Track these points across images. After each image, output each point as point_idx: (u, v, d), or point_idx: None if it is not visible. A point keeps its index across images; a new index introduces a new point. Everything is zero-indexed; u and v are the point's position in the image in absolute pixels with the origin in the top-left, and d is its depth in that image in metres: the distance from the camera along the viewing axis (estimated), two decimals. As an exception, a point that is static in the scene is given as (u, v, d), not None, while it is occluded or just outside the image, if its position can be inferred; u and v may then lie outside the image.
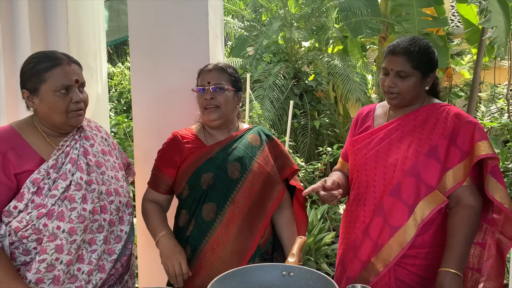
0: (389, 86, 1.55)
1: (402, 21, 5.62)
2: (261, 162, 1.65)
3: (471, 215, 1.46)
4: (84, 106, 1.45)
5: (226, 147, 1.64)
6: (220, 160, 1.61)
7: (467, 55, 9.36)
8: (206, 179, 1.59)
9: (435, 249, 1.52)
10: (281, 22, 5.90)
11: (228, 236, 1.57)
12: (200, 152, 1.63)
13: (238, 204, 1.58)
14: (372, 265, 1.55)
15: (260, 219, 1.62)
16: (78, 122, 1.45)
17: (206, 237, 1.58)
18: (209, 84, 1.61)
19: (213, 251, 1.56)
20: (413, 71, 1.52)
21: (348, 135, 1.78)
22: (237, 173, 1.60)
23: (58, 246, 1.34)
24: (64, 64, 1.39)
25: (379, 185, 1.56)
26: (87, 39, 2.50)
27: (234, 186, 1.59)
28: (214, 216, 1.58)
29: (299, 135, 5.84)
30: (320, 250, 3.45)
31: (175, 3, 2.13)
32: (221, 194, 1.59)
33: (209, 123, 1.65)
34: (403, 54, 1.52)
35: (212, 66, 1.67)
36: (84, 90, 1.46)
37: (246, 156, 1.63)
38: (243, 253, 1.59)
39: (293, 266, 1.24)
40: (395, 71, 1.53)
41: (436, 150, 1.50)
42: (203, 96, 1.61)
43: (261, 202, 1.63)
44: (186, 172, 1.61)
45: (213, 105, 1.60)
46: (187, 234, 1.62)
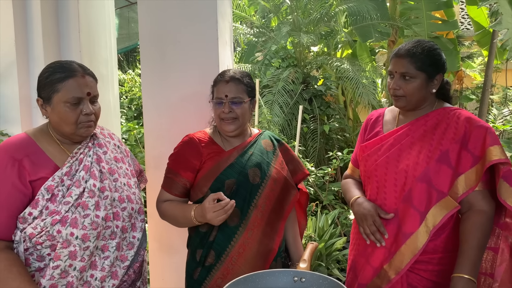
0: (394, 88, 1.55)
1: (412, 25, 5.60)
2: (277, 167, 1.68)
3: (484, 220, 1.45)
4: (94, 118, 1.46)
5: (243, 153, 1.65)
6: (240, 166, 1.62)
7: (478, 58, 9.27)
8: (229, 185, 1.60)
9: (448, 254, 1.51)
10: (290, 27, 5.92)
11: (253, 239, 1.60)
12: (220, 158, 1.63)
13: (260, 208, 1.62)
14: (384, 272, 1.53)
15: (280, 221, 1.67)
16: (87, 134, 1.47)
17: (232, 241, 1.59)
18: (227, 97, 1.60)
19: (240, 255, 1.59)
20: (417, 73, 1.52)
21: (358, 140, 1.78)
22: (257, 178, 1.62)
23: (72, 252, 1.36)
24: (78, 76, 1.40)
25: (390, 192, 1.56)
26: (98, 47, 2.54)
27: (256, 191, 1.62)
28: (238, 221, 1.60)
29: (308, 140, 5.83)
30: (331, 255, 3.43)
31: (184, 11, 2.15)
32: (244, 199, 1.60)
33: (226, 134, 1.66)
34: (406, 56, 1.52)
35: (229, 77, 1.63)
36: (97, 102, 1.48)
37: (263, 161, 1.66)
38: (267, 255, 1.63)
39: (305, 271, 1.24)
40: (399, 73, 1.54)
41: (447, 156, 1.49)
42: (221, 109, 1.61)
43: (280, 205, 1.67)
44: (208, 178, 1.61)
45: (231, 118, 1.61)
46: (210, 240, 1.61)
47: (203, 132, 1.72)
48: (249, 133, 1.74)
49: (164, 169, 2.07)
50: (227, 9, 2.38)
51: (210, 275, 1.61)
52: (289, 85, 5.67)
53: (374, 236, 1.53)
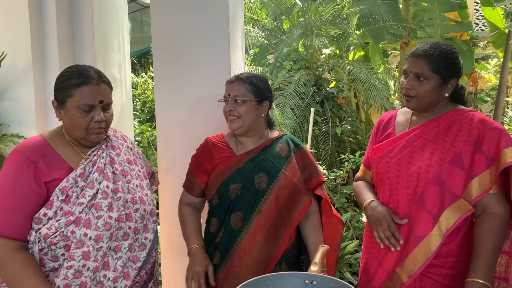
0: (407, 88, 1.53)
1: (425, 26, 5.54)
2: (288, 174, 1.67)
3: (498, 224, 1.42)
4: (105, 125, 1.48)
5: (255, 157, 1.67)
6: (248, 171, 1.65)
7: (493, 59, 9.13)
8: (234, 190, 1.63)
9: (462, 258, 1.48)
10: (302, 30, 5.91)
11: (254, 245, 1.61)
12: (230, 162, 1.67)
13: (264, 214, 1.62)
14: (397, 276, 1.52)
15: (286, 229, 1.65)
16: (97, 140, 1.49)
17: (234, 244, 1.63)
18: (229, 96, 1.67)
19: (240, 258, 1.61)
20: (432, 75, 1.50)
21: (370, 142, 1.77)
22: (264, 184, 1.63)
23: (85, 253, 1.38)
24: (93, 84, 1.42)
25: (402, 194, 1.54)
26: (112, 51, 2.58)
27: (261, 197, 1.62)
28: (241, 225, 1.63)
29: (320, 142, 5.80)
30: (343, 258, 3.41)
31: (196, 14, 2.17)
32: (248, 204, 1.62)
33: (233, 132, 1.72)
34: (423, 57, 1.51)
35: (234, 78, 1.71)
36: (110, 109, 1.49)
37: (273, 167, 1.66)
38: (268, 261, 1.63)
39: (316, 274, 1.23)
40: (414, 73, 1.52)
41: (460, 158, 1.47)
42: (225, 107, 1.69)
43: (287, 212, 1.65)
44: (215, 182, 1.67)
45: (233, 116, 1.66)
46: (217, 241, 1.67)
47: (220, 136, 1.77)
48: (266, 136, 1.74)
49: (176, 171, 2.09)
50: (238, 12, 2.40)
51: (215, 274, 1.65)
52: (300, 88, 5.66)
53: (389, 241, 1.52)
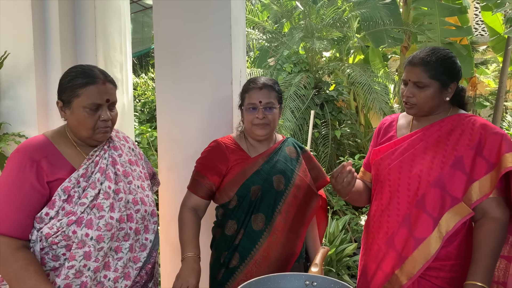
0: (407, 96, 1.55)
1: (425, 31, 5.56)
2: (301, 175, 1.72)
3: (497, 228, 1.43)
4: (111, 124, 1.49)
5: (269, 159, 1.70)
6: (265, 172, 1.67)
7: (492, 64, 9.17)
8: (255, 191, 1.65)
9: (460, 261, 1.50)
10: (302, 32, 5.93)
11: (277, 243, 1.65)
12: (246, 164, 1.68)
13: (284, 214, 1.67)
14: (395, 278, 1.53)
15: (302, 226, 1.72)
16: (103, 139, 1.50)
17: (257, 245, 1.64)
18: (261, 103, 1.65)
19: (264, 258, 1.64)
20: (430, 81, 1.51)
21: (371, 145, 1.79)
22: (281, 185, 1.67)
23: (86, 253, 1.38)
24: (99, 83, 1.43)
25: (403, 196, 1.55)
26: (114, 52, 2.59)
27: (280, 198, 1.67)
28: (263, 226, 1.65)
29: (320, 145, 5.82)
30: (341, 261, 3.42)
31: (198, 16, 2.18)
32: (269, 205, 1.66)
33: (257, 138, 1.71)
34: (420, 65, 1.52)
35: (261, 84, 1.69)
36: (115, 108, 1.50)
37: (287, 169, 1.70)
38: (290, 258, 1.69)
39: (316, 276, 1.24)
40: (413, 82, 1.53)
41: (461, 162, 1.48)
42: (254, 114, 1.66)
43: (303, 211, 1.71)
44: (234, 184, 1.66)
45: (264, 124, 1.66)
46: (235, 243, 1.67)
47: (229, 138, 1.77)
48: (274, 139, 1.79)
49: (177, 172, 2.09)
50: (240, 15, 2.41)
51: (233, 277, 1.66)
52: (300, 90, 5.68)
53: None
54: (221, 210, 1.73)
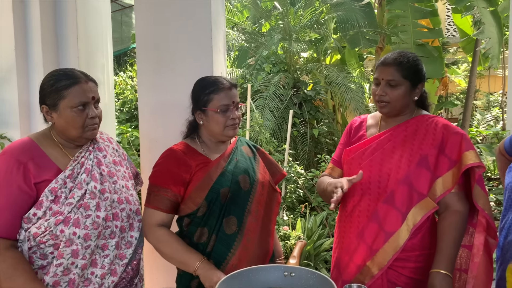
0: (380, 94, 1.64)
1: (398, 32, 5.75)
2: (261, 172, 1.73)
3: (459, 220, 1.56)
4: (98, 121, 1.55)
5: (230, 160, 1.67)
6: (230, 173, 1.63)
7: (463, 64, 9.51)
8: (224, 194, 1.60)
9: (425, 252, 1.61)
10: (281, 34, 6.04)
11: (252, 244, 1.63)
12: (209, 167, 1.62)
13: (254, 214, 1.65)
14: (367, 269, 1.63)
15: (271, 223, 1.73)
16: (93, 136, 1.55)
17: (232, 249, 1.60)
18: (234, 103, 1.63)
19: (241, 260, 1.59)
20: (402, 80, 1.62)
21: (340, 143, 1.86)
22: (247, 184, 1.65)
23: (74, 251, 1.43)
24: (82, 83, 1.49)
25: (374, 193, 1.65)
26: (95, 53, 2.62)
27: (248, 197, 1.64)
28: (236, 229, 1.61)
29: (298, 143, 5.95)
30: (319, 255, 3.53)
31: (180, 20, 2.25)
32: (239, 206, 1.62)
33: (225, 139, 1.68)
34: (393, 65, 1.62)
35: (230, 84, 1.65)
36: (99, 106, 1.56)
37: (249, 167, 1.70)
38: (265, 257, 1.69)
39: (294, 267, 1.33)
40: (385, 80, 1.63)
41: (426, 160, 1.60)
42: (227, 115, 1.61)
43: (269, 208, 1.72)
44: (202, 189, 1.59)
45: (236, 123, 1.64)
46: (208, 250, 1.60)
47: (183, 144, 1.69)
48: (230, 140, 1.75)
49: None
50: (221, 18, 2.48)
51: None
52: (279, 90, 5.79)
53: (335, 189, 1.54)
54: (187, 220, 1.63)
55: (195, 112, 1.69)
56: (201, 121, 1.67)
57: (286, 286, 1.28)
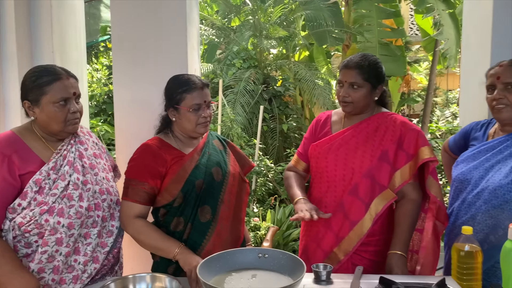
0: (344, 96, 1.78)
1: (364, 32, 5.99)
2: (232, 164, 1.84)
3: (414, 207, 1.74)
4: (79, 115, 1.61)
5: (203, 153, 1.76)
6: (204, 166, 1.72)
7: (424, 62, 9.93)
8: (199, 185, 1.69)
9: (383, 236, 1.78)
10: (251, 31, 6.15)
11: (225, 231, 1.74)
12: (184, 161, 1.70)
13: (227, 203, 1.75)
14: (334, 255, 1.77)
15: (241, 211, 1.84)
16: (74, 130, 1.61)
17: (206, 236, 1.69)
18: (205, 102, 1.71)
19: (215, 246, 1.68)
20: (364, 83, 1.76)
21: (305, 137, 1.99)
22: (220, 176, 1.75)
23: (58, 239, 1.50)
24: (64, 79, 1.55)
25: (339, 186, 1.79)
26: (69, 48, 2.64)
27: (221, 188, 1.74)
28: (210, 217, 1.71)
29: (268, 138, 6.10)
30: (287, 245, 3.70)
31: (155, 17, 2.31)
32: (213, 196, 1.72)
33: (197, 135, 1.76)
34: (355, 68, 1.76)
35: (202, 84, 1.72)
36: (80, 101, 1.63)
37: (221, 160, 1.79)
38: (236, 242, 1.79)
39: (267, 249, 1.46)
40: (348, 83, 1.77)
41: (386, 154, 1.76)
42: (198, 114, 1.69)
43: (240, 197, 1.84)
44: (178, 181, 1.67)
45: (208, 121, 1.72)
46: (184, 238, 1.69)
47: (157, 139, 1.75)
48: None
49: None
50: (195, 16, 2.56)
51: None
52: (250, 86, 5.90)
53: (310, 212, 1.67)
54: (163, 211, 1.71)
55: (168, 109, 1.76)
56: (173, 118, 1.74)
57: (261, 266, 1.42)
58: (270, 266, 1.41)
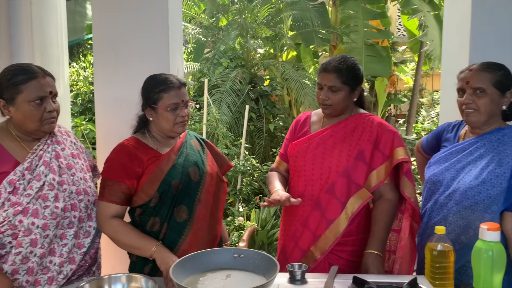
0: (323, 99, 1.80)
1: (350, 32, 6.03)
2: (210, 164, 1.85)
3: (390, 207, 1.76)
4: (56, 114, 1.60)
5: (180, 153, 1.76)
6: (181, 166, 1.72)
7: (411, 63, 10.03)
8: (175, 185, 1.69)
9: (360, 236, 1.80)
10: (238, 30, 6.14)
11: (202, 230, 1.74)
12: (161, 161, 1.70)
13: (204, 202, 1.75)
14: (311, 253, 1.79)
15: (219, 211, 1.85)
16: (50, 129, 1.60)
17: (182, 235, 1.70)
18: (183, 102, 1.71)
19: (191, 246, 1.68)
20: (342, 86, 1.78)
21: (286, 138, 2.01)
22: (197, 176, 1.75)
23: (33, 240, 1.48)
24: (39, 77, 1.54)
25: (316, 185, 1.81)
26: (50, 46, 2.61)
27: (198, 188, 1.75)
28: (186, 216, 1.71)
29: (255, 137, 6.10)
30: (272, 244, 3.72)
31: (137, 15, 2.31)
32: (189, 196, 1.72)
33: (175, 135, 1.76)
34: (334, 72, 1.78)
35: (179, 83, 1.71)
36: (56, 100, 1.61)
37: (198, 160, 1.80)
38: (213, 242, 1.80)
39: (243, 249, 1.47)
40: (327, 86, 1.79)
41: (363, 154, 1.78)
42: (176, 113, 1.69)
43: (217, 197, 1.84)
44: (154, 182, 1.67)
45: (186, 121, 1.73)
46: (160, 238, 1.69)
47: (133, 139, 1.75)
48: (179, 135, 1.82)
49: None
50: (177, 15, 2.55)
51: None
52: (236, 85, 5.90)
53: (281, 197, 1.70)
54: (139, 211, 1.71)
55: (145, 108, 1.75)
56: (151, 117, 1.73)
57: (236, 266, 1.42)
58: (245, 266, 1.41)
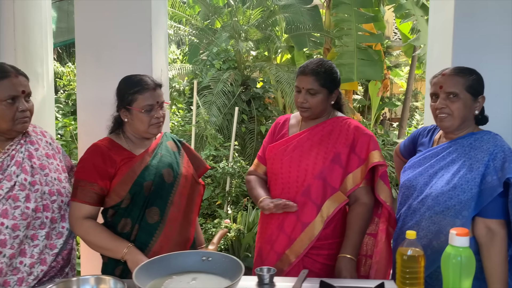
0: (301, 102, 1.80)
1: (342, 36, 6.03)
2: (185, 166, 1.84)
3: (365, 211, 1.76)
4: (29, 114, 1.59)
5: (155, 155, 1.75)
6: (154, 167, 1.72)
7: (405, 67, 10.07)
8: (147, 187, 1.68)
9: (336, 240, 1.79)
10: (230, 33, 6.14)
11: (173, 232, 1.73)
12: (133, 162, 1.70)
13: (177, 204, 1.75)
14: (286, 257, 1.78)
15: (193, 213, 1.84)
16: (23, 128, 1.59)
17: (153, 237, 1.69)
18: (158, 103, 1.70)
19: (162, 248, 1.68)
20: (320, 89, 1.78)
21: (265, 141, 2.00)
22: (171, 178, 1.75)
23: (2, 240, 1.47)
24: (12, 77, 1.53)
25: (293, 187, 1.81)
26: (34, 45, 2.60)
27: (171, 189, 1.74)
28: (158, 218, 1.70)
29: (246, 140, 6.10)
30: (257, 247, 3.70)
31: (120, 17, 2.31)
32: (162, 198, 1.72)
33: (150, 136, 1.75)
34: (311, 75, 1.77)
35: (154, 84, 1.71)
36: (30, 100, 1.61)
37: (173, 161, 1.79)
38: (185, 244, 1.78)
39: (211, 252, 1.46)
40: (306, 89, 1.78)
41: (339, 157, 1.77)
42: (151, 114, 1.68)
43: (191, 199, 1.83)
44: (126, 183, 1.67)
45: (161, 122, 1.72)
46: (131, 239, 1.68)
47: (107, 139, 1.75)
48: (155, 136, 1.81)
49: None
50: (162, 16, 2.55)
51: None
52: (227, 87, 5.89)
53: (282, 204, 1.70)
54: (111, 211, 1.71)
55: (120, 109, 1.74)
56: (125, 118, 1.73)
57: (203, 269, 1.41)
58: (212, 269, 1.41)
